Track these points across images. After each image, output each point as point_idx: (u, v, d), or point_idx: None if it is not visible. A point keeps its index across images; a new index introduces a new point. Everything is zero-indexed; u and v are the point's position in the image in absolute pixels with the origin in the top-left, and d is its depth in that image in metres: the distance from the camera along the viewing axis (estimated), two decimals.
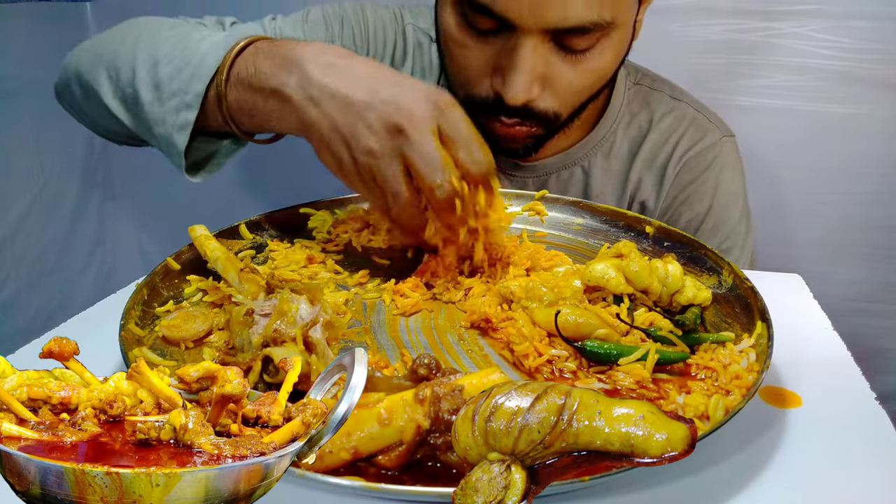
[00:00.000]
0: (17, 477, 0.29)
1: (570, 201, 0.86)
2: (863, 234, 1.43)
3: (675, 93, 1.06)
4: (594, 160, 1.02)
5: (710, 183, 1.02)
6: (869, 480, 0.49)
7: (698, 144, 1.02)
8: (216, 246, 0.69)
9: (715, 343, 0.60)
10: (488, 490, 0.37)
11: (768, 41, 1.34)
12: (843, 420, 0.55)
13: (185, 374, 0.37)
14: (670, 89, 1.06)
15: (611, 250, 0.70)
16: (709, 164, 1.02)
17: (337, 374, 0.40)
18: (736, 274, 0.67)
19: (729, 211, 1.03)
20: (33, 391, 0.34)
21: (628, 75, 1.04)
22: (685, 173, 1.02)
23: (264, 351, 0.53)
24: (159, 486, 0.28)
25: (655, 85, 1.06)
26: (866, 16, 1.30)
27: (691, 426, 0.38)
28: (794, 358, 0.63)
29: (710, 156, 1.02)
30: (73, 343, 0.35)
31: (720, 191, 1.02)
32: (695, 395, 0.54)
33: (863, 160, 1.38)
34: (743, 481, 0.48)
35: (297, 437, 0.34)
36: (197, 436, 0.32)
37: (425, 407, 0.46)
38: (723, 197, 1.02)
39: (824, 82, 1.35)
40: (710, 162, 1.02)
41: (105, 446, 0.32)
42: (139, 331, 0.62)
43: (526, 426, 0.38)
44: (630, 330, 0.62)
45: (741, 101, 1.37)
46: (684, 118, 1.03)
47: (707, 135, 1.03)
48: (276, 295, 0.58)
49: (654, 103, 1.04)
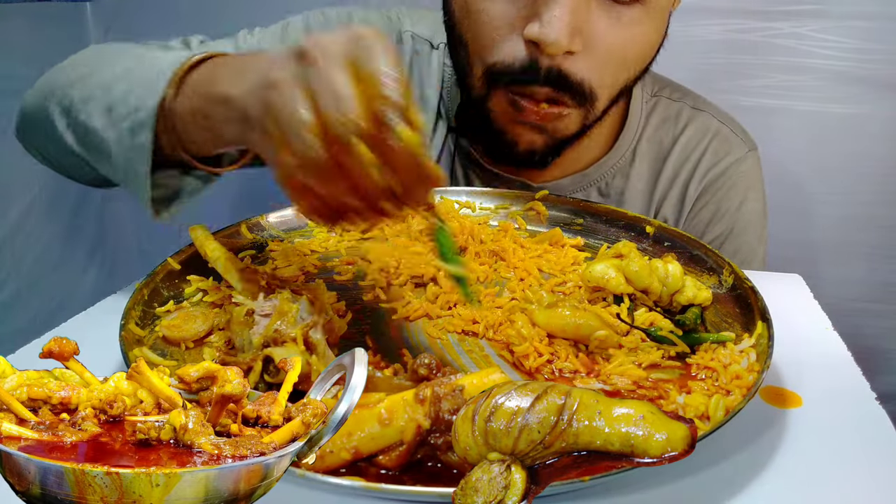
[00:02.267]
0: (17, 477, 0.29)
1: (570, 201, 0.86)
2: (863, 234, 1.43)
3: (697, 103, 1.00)
4: (612, 182, 0.96)
5: (733, 204, 0.97)
6: (869, 480, 0.49)
7: (723, 162, 0.97)
8: (216, 246, 0.69)
9: (715, 343, 0.60)
10: (488, 490, 0.37)
11: (768, 41, 1.34)
12: (843, 420, 0.55)
13: (185, 374, 0.37)
14: (692, 100, 1.00)
15: (611, 250, 0.70)
16: (733, 183, 0.97)
17: (337, 374, 0.40)
18: (736, 274, 0.67)
19: (748, 233, 0.98)
20: (33, 391, 0.34)
21: (645, 87, 0.99)
22: (707, 194, 0.96)
23: (265, 351, 0.53)
24: (159, 486, 0.28)
25: (675, 96, 1.00)
26: (866, 16, 1.30)
27: (691, 426, 0.38)
28: (795, 358, 0.63)
29: (735, 174, 0.97)
30: (73, 343, 0.35)
31: (742, 211, 0.97)
32: (695, 395, 0.54)
33: (863, 160, 1.38)
34: (743, 481, 0.48)
35: (297, 437, 0.34)
36: (197, 436, 0.32)
37: (426, 407, 0.46)
38: (744, 218, 0.97)
39: (824, 82, 1.35)
40: (734, 181, 0.97)
41: (105, 446, 0.32)
42: (139, 331, 0.62)
43: (526, 426, 0.38)
44: (630, 330, 0.62)
45: (741, 101, 1.37)
46: (708, 131, 0.98)
47: (732, 150, 0.97)
48: (276, 295, 0.58)
49: (676, 116, 0.98)
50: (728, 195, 0.97)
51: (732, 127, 0.99)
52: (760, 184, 1.01)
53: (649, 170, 0.97)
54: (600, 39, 0.76)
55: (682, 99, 1.00)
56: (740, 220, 0.97)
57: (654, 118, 0.98)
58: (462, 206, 0.88)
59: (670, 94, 1.00)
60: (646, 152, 0.97)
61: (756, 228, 0.99)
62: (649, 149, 0.97)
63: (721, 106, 1.03)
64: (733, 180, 0.97)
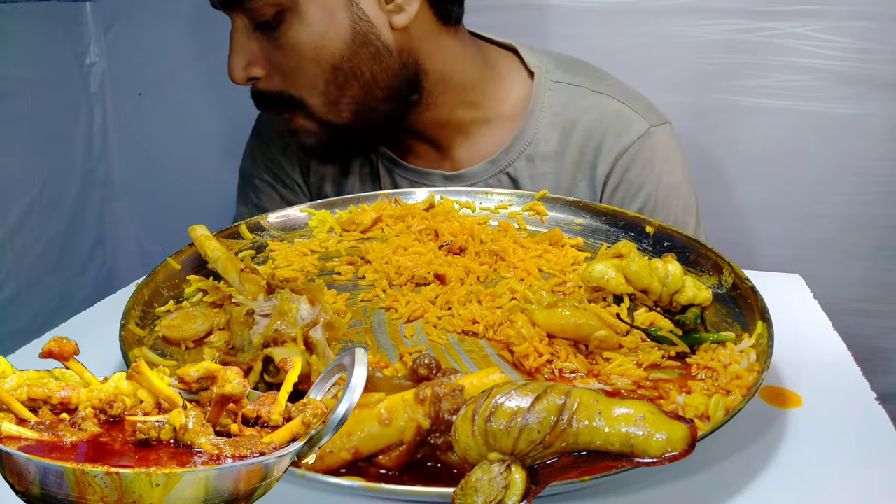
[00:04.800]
0: (17, 477, 0.29)
1: (570, 201, 0.86)
2: (863, 234, 1.43)
3: (597, 85, 1.00)
4: (519, 165, 0.98)
5: (647, 179, 0.96)
6: (869, 480, 0.49)
7: (624, 139, 0.96)
8: (216, 246, 0.69)
9: (715, 343, 0.60)
10: (488, 490, 0.37)
11: (769, 41, 1.34)
12: (843, 420, 0.55)
13: (185, 374, 0.37)
14: (592, 82, 1.00)
15: (610, 250, 0.70)
16: (642, 159, 0.96)
17: (337, 374, 0.40)
18: (736, 274, 0.67)
19: (671, 205, 0.97)
20: (33, 391, 0.34)
21: (548, 72, 0.99)
22: (617, 172, 0.97)
23: (265, 351, 0.53)
24: (159, 486, 0.28)
25: (576, 80, 1.00)
26: (866, 16, 1.30)
27: (691, 426, 0.38)
28: (795, 358, 0.63)
29: (641, 150, 0.96)
30: (73, 343, 0.35)
31: (660, 185, 0.96)
32: (695, 395, 0.54)
33: (863, 160, 1.38)
34: (743, 481, 0.48)
35: (297, 437, 0.34)
36: (197, 436, 0.32)
37: (426, 407, 0.46)
38: (663, 192, 0.97)
39: (824, 82, 1.35)
40: (642, 157, 0.96)
41: (105, 446, 0.32)
42: (139, 331, 0.62)
43: (526, 426, 0.38)
44: (630, 330, 0.62)
45: (741, 101, 1.37)
46: (607, 112, 0.98)
47: (633, 127, 0.97)
48: (276, 295, 0.58)
49: (576, 99, 0.98)
50: (639, 171, 0.97)
51: (634, 105, 0.99)
52: (676, 155, 1.00)
53: (555, 154, 0.99)
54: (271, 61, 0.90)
55: (581, 83, 1.00)
56: (658, 194, 0.97)
57: (555, 102, 0.99)
58: (462, 206, 0.88)
59: (571, 80, 1.00)
60: (550, 136, 0.98)
61: (679, 199, 0.98)
62: (552, 133, 0.98)
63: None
64: (641, 156, 0.97)
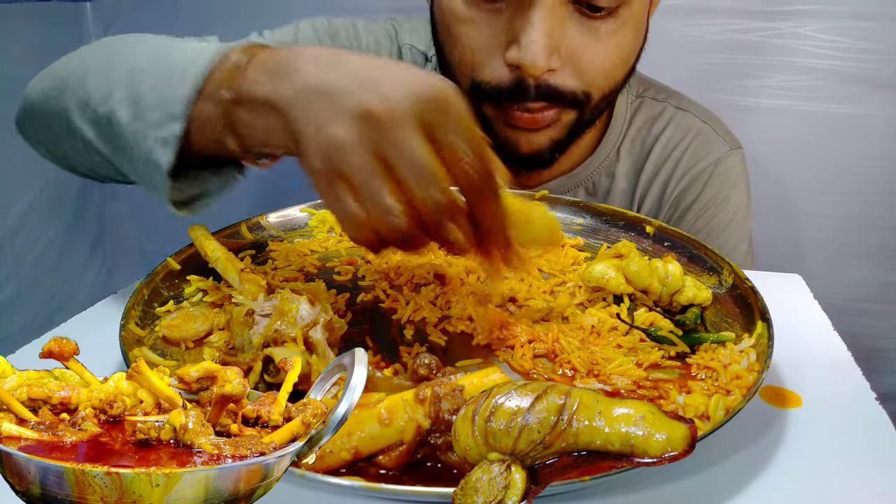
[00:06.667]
0: (17, 477, 0.29)
1: (570, 201, 0.86)
2: (863, 234, 1.43)
3: (681, 103, 1.01)
4: (599, 181, 0.98)
5: (714, 202, 0.98)
6: (869, 480, 0.49)
7: (703, 160, 0.98)
8: (216, 246, 0.69)
9: (715, 343, 0.60)
10: (488, 490, 0.37)
11: (769, 41, 1.34)
12: (843, 420, 0.55)
13: (185, 374, 0.37)
14: (676, 100, 1.02)
15: (610, 250, 0.70)
16: (714, 181, 0.98)
17: (337, 374, 0.40)
18: (736, 274, 0.67)
19: (731, 230, 0.99)
20: (33, 391, 0.34)
21: (630, 88, 1.00)
22: (688, 192, 0.98)
23: (265, 351, 0.53)
24: (159, 486, 0.28)
25: (660, 96, 1.01)
26: (866, 16, 1.30)
27: (691, 426, 0.38)
28: (795, 358, 0.63)
29: (715, 172, 0.98)
30: (73, 343, 0.35)
31: (724, 209, 0.98)
32: (695, 395, 0.54)
33: (863, 160, 1.38)
34: (743, 481, 0.48)
35: (297, 437, 0.34)
36: (197, 436, 0.32)
37: (426, 407, 0.46)
38: (726, 216, 0.98)
39: (824, 82, 1.35)
40: (715, 179, 0.98)
41: (105, 446, 0.32)
42: (139, 331, 0.62)
43: (526, 426, 0.38)
44: (630, 330, 0.62)
45: (742, 101, 1.37)
46: (689, 130, 0.99)
47: (713, 149, 0.98)
48: (276, 295, 0.58)
49: (658, 115, 1.00)
50: (709, 193, 0.98)
51: (715, 126, 1.01)
52: (744, 182, 1.02)
53: (632, 168, 0.99)
54: (579, 54, 0.79)
55: (666, 99, 1.01)
56: (722, 218, 0.98)
57: (637, 118, 1.00)
58: None
59: (654, 95, 1.01)
60: (629, 151, 0.99)
61: (738, 226, 1.00)
62: (632, 148, 0.99)
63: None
64: (714, 178, 0.98)
